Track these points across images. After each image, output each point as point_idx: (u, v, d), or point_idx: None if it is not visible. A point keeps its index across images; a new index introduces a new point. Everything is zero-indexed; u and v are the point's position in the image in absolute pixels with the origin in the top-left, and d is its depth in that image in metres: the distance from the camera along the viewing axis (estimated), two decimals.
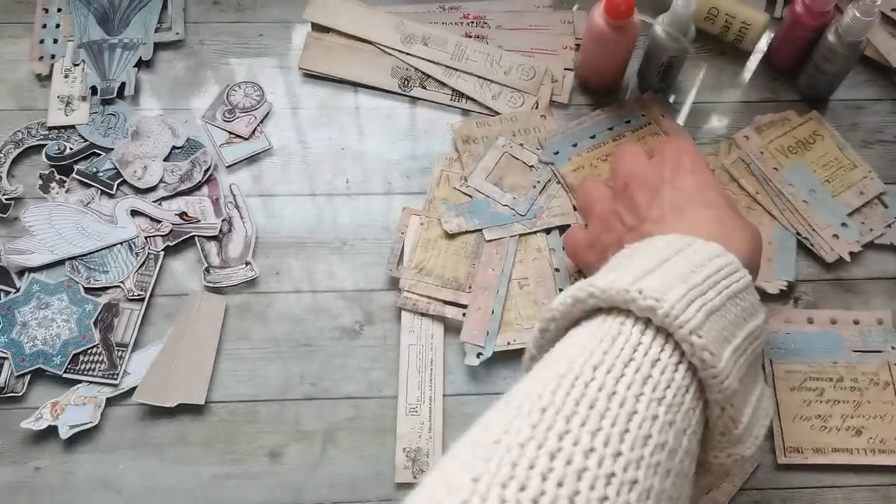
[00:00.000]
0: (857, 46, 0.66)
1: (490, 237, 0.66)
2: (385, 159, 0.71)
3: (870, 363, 0.63)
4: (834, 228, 0.67)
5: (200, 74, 0.75)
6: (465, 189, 0.68)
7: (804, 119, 0.72)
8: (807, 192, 0.68)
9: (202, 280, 0.65)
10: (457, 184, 0.69)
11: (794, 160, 0.69)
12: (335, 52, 0.74)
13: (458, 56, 0.74)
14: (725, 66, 0.75)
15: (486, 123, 0.71)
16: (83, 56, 0.74)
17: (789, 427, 0.61)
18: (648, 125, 0.71)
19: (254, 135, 0.72)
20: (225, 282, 0.65)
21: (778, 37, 0.73)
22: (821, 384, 0.62)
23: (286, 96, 0.74)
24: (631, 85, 0.74)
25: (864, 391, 0.62)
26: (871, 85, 0.74)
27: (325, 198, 0.70)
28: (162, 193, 0.69)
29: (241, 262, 0.66)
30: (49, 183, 0.69)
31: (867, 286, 0.66)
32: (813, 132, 0.71)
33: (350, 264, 0.67)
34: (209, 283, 0.65)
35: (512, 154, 0.69)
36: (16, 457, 0.60)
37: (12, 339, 0.63)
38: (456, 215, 0.67)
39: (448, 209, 0.68)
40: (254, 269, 0.66)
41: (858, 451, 0.60)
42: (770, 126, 0.71)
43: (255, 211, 0.69)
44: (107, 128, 0.71)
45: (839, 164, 0.70)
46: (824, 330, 0.64)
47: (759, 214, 0.67)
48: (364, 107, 0.74)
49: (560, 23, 0.76)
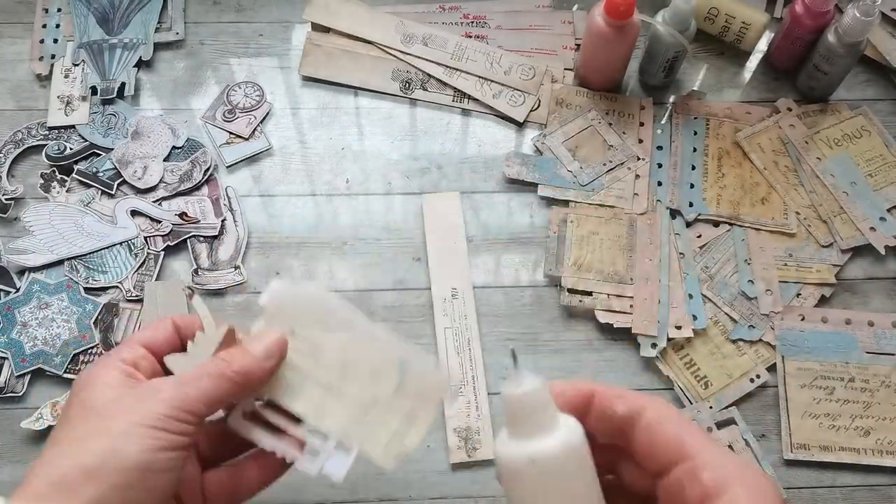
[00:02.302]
0: (856, 46, 0.66)
1: (542, 193, 0.69)
2: (385, 159, 0.71)
3: (882, 365, 0.63)
4: (872, 221, 0.68)
5: (200, 74, 0.75)
6: (538, 144, 0.71)
7: (854, 113, 0.72)
8: (848, 183, 0.69)
9: (191, 281, 0.65)
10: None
11: (838, 151, 0.70)
12: (335, 57, 0.75)
13: (458, 56, 0.74)
14: (725, 66, 0.75)
15: (585, 94, 0.73)
16: (83, 56, 0.74)
17: (797, 423, 0.61)
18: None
19: (254, 135, 0.72)
20: (212, 284, 0.65)
21: (778, 37, 0.73)
22: (832, 383, 0.62)
23: (286, 96, 0.74)
24: (631, 84, 0.74)
25: (875, 392, 0.62)
26: (872, 85, 0.74)
27: (326, 198, 0.70)
28: (162, 193, 0.69)
29: (231, 266, 0.66)
30: (50, 183, 0.69)
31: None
32: (860, 127, 0.72)
33: (350, 264, 0.67)
34: (196, 286, 0.65)
35: (597, 129, 0.71)
36: (16, 457, 0.60)
37: (12, 338, 0.62)
38: (520, 163, 0.70)
39: (515, 156, 0.70)
40: (242, 273, 0.66)
41: (865, 452, 0.60)
42: (817, 115, 0.72)
43: (255, 211, 0.69)
44: (107, 128, 0.71)
45: (884, 160, 0.70)
46: (838, 329, 0.64)
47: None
48: (364, 107, 0.74)
49: (560, 23, 0.77)
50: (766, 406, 0.62)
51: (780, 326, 0.64)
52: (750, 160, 0.70)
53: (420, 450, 0.61)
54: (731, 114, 0.72)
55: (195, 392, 0.39)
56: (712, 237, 0.68)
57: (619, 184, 0.70)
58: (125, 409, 0.37)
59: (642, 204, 0.69)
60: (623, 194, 0.69)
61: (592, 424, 0.35)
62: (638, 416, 0.34)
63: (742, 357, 0.64)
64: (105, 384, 0.39)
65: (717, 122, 0.72)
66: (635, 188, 0.69)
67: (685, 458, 0.32)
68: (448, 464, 0.60)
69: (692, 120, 0.72)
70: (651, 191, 0.69)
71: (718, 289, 0.66)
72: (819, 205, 0.68)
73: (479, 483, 0.60)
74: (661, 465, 0.33)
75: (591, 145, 0.71)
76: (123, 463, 0.36)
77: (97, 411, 0.38)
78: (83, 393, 0.39)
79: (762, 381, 0.63)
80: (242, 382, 0.41)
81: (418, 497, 0.59)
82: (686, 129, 0.72)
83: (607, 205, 0.69)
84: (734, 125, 0.72)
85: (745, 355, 0.64)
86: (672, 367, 0.63)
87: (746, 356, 0.64)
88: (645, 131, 0.72)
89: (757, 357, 0.64)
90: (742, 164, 0.70)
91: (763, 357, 0.64)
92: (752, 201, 0.69)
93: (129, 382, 0.39)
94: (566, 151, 0.71)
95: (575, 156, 0.71)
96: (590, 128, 0.72)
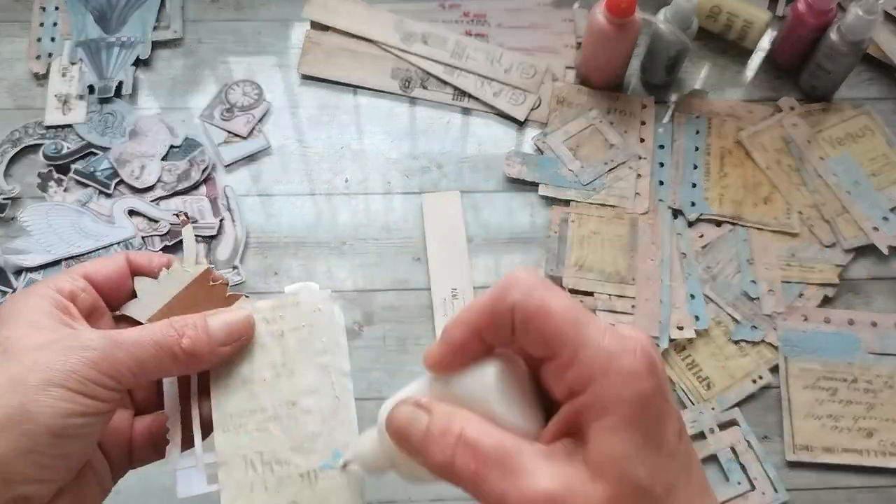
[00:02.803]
0: (859, 45, 0.66)
1: (543, 193, 0.69)
2: (385, 158, 0.71)
3: (885, 366, 0.62)
4: (875, 221, 0.67)
5: (199, 73, 0.74)
6: (539, 144, 0.70)
7: (857, 113, 0.72)
8: (851, 183, 0.69)
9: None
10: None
11: (841, 151, 0.70)
12: (334, 55, 0.74)
13: (457, 54, 0.74)
14: (728, 65, 0.75)
15: (586, 93, 0.72)
16: (81, 55, 0.73)
17: (800, 424, 0.61)
18: None
19: (252, 134, 0.71)
20: None
21: (780, 35, 0.72)
22: (834, 384, 0.62)
23: (285, 95, 0.73)
24: (633, 82, 0.74)
25: (878, 393, 0.61)
26: (874, 83, 0.74)
27: (325, 197, 0.69)
28: (160, 193, 0.68)
29: (229, 266, 0.66)
30: (47, 182, 0.68)
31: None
32: (863, 126, 0.71)
33: (349, 264, 0.67)
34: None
35: (599, 128, 0.70)
36: None
37: None
38: (521, 163, 0.70)
39: (515, 155, 0.70)
40: (240, 273, 0.65)
41: (869, 453, 0.60)
42: (820, 114, 0.72)
43: (254, 211, 0.68)
44: (104, 127, 0.71)
45: (887, 159, 0.70)
46: (841, 330, 0.64)
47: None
48: (363, 106, 0.73)
49: (560, 21, 0.76)
50: (768, 407, 0.62)
51: (782, 327, 0.64)
52: (752, 159, 0.70)
53: None
54: (733, 112, 0.72)
55: (128, 360, 0.34)
56: (714, 237, 0.67)
57: (621, 183, 0.69)
58: (45, 362, 0.33)
59: (644, 203, 0.68)
60: (624, 194, 0.69)
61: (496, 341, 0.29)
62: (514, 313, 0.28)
63: (744, 358, 0.63)
64: (30, 323, 0.34)
65: (720, 121, 0.72)
66: (637, 188, 0.69)
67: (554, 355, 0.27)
68: None
69: (694, 119, 0.72)
70: (653, 190, 0.69)
71: (721, 289, 0.65)
72: (822, 204, 0.68)
73: None
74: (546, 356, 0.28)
75: (592, 144, 0.71)
76: (31, 425, 0.31)
77: (15, 358, 0.33)
78: (6, 331, 0.34)
79: (765, 381, 0.62)
80: (186, 363, 0.35)
81: (418, 499, 0.59)
82: (688, 127, 0.71)
83: (609, 204, 0.68)
84: (736, 124, 0.71)
85: (747, 356, 0.63)
86: (674, 368, 0.63)
87: (749, 357, 0.63)
88: (646, 130, 0.71)
89: (759, 358, 0.63)
90: (744, 163, 0.70)
91: (766, 358, 0.63)
92: (754, 201, 0.68)
93: (58, 321, 0.34)
94: (567, 150, 0.70)
95: (576, 155, 0.70)
96: (591, 127, 0.71)
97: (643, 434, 0.25)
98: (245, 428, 0.37)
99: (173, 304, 0.38)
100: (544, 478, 0.25)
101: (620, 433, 0.25)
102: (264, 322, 0.38)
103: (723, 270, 0.66)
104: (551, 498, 0.25)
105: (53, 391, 0.32)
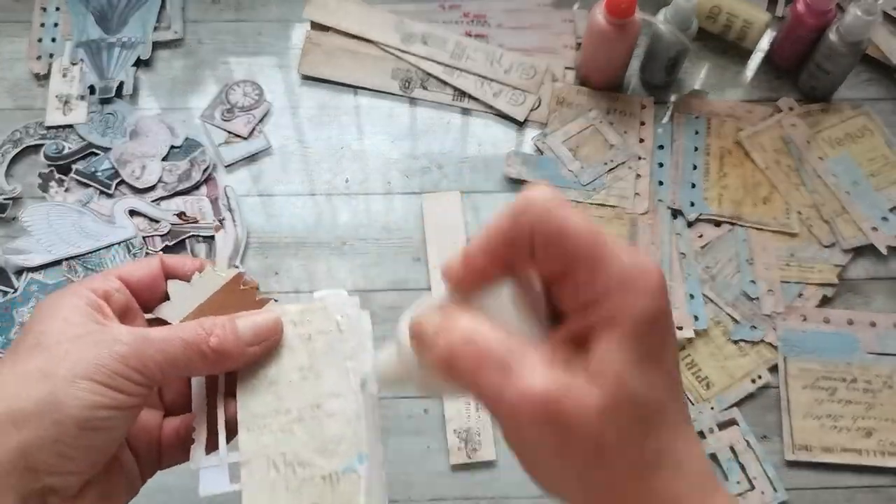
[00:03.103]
0: (858, 45, 0.66)
1: None
2: (385, 158, 0.71)
3: (884, 365, 0.62)
4: (874, 221, 0.67)
5: (199, 73, 0.74)
6: (539, 144, 0.71)
7: (856, 113, 0.72)
8: (850, 183, 0.69)
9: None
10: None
11: (840, 151, 0.70)
12: (335, 56, 0.74)
13: (457, 55, 0.74)
14: (727, 65, 0.75)
15: (586, 93, 0.72)
16: (81, 55, 0.74)
17: (799, 424, 0.61)
18: None
19: (253, 134, 0.71)
20: None
21: (779, 36, 0.72)
22: (834, 384, 0.62)
23: (285, 95, 0.73)
24: (633, 83, 0.74)
25: (877, 393, 0.62)
26: (873, 84, 0.74)
27: (325, 197, 0.69)
28: (160, 193, 0.68)
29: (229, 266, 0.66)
30: (48, 182, 0.68)
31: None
32: (862, 126, 0.71)
33: (350, 264, 0.67)
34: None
35: (598, 129, 0.70)
36: None
37: (10, 339, 0.62)
38: (521, 163, 0.70)
39: (515, 155, 0.70)
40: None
41: (868, 453, 0.60)
42: (819, 114, 0.72)
43: (254, 211, 0.69)
44: (105, 127, 0.71)
45: (886, 159, 0.70)
46: (840, 330, 0.64)
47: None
48: (364, 106, 0.73)
49: (560, 21, 0.76)
50: (767, 407, 0.62)
51: (781, 327, 0.64)
52: (751, 160, 0.70)
53: (420, 451, 0.60)
54: (732, 113, 0.72)
55: (157, 356, 0.34)
56: (714, 237, 0.67)
57: (621, 183, 0.69)
58: (75, 355, 0.33)
59: (643, 204, 0.68)
60: (624, 194, 0.69)
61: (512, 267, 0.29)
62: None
63: (744, 358, 0.63)
64: (65, 320, 0.35)
65: (719, 122, 0.72)
66: (636, 188, 0.69)
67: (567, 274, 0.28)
68: (448, 465, 0.60)
69: (693, 119, 0.72)
70: (652, 190, 0.69)
71: (720, 289, 0.65)
72: (821, 205, 0.68)
73: (480, 484, 0.60)
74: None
75: (592, 145, 0.71)
76: (59, 415, 0.32)
77: (48, 351, 0.34)
78: (40, 325, 0.35)
79: (764, 381, 0.62)
80: (214, 361, 0.36)
81: (418, 498, 0.59)
82: (687, 128, 0.71)
83: (608, 204, 0.68)
84: (736, 124, 0.71)
85: (746, 356, 0.63)
86: None
87: (748, 357, 0.63)
88: (646, 130, 0.71)
89: (759, 358, 0.63)
90: (744, 163, 0.70)
91: (765, 358, 0.63)
92: (753, 201, 0.68)
93: (91, 319, 0.35)
94: (567, 151, 0.70)
95: (576, 155, 0.70)
96: (591, 127, 0.71)
97: (647, 350, 0.26)
98: (269, 428, 0.37)
99: (204, 307, 0.39)
100: (542, 378, 0.26)
101: (625, 345, 0.26)
102: (292, 325, 0.39)
103: (722, 270, 0.66)
104: (547, 397, 0.26)
105: (82, 383, 0.33)
